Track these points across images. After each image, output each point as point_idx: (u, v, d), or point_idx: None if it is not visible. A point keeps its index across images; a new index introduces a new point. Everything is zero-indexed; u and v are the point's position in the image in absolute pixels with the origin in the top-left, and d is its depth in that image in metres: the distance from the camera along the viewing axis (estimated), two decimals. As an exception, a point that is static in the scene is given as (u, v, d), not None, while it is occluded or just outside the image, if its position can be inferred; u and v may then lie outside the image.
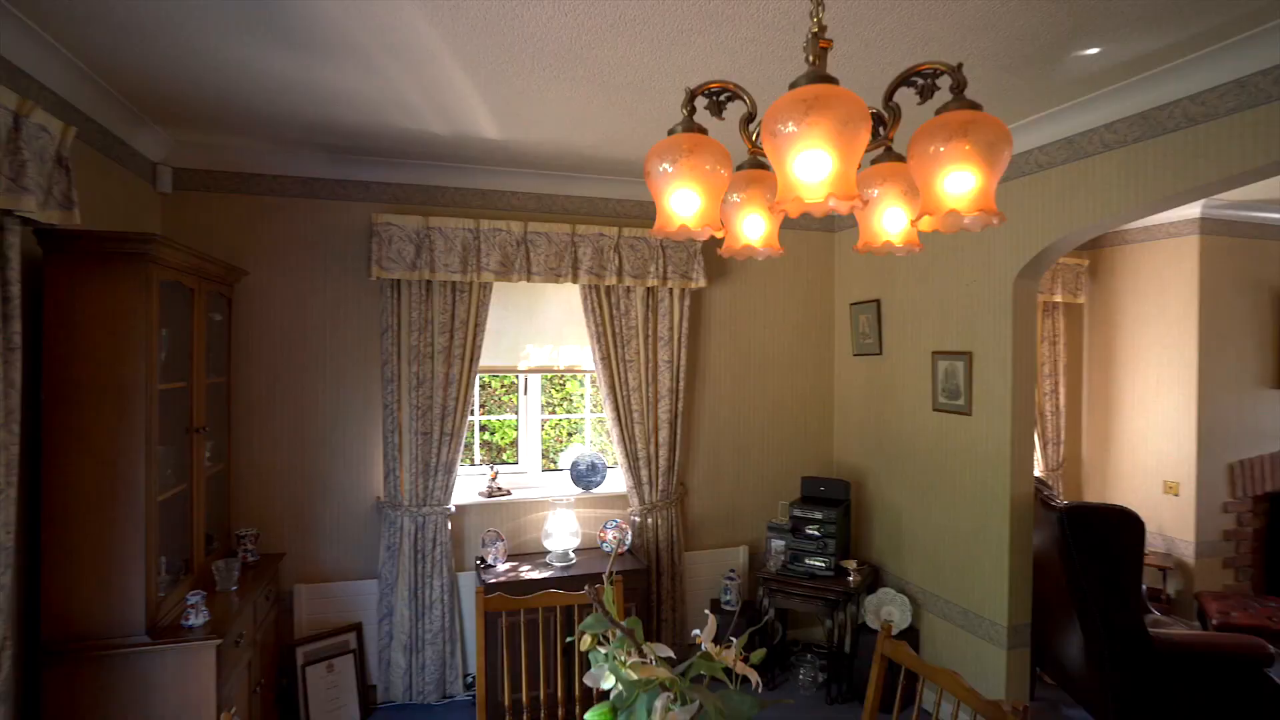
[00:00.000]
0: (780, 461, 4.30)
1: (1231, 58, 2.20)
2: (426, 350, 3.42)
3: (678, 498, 3.94)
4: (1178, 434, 4.52)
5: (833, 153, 0.88)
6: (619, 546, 3.68)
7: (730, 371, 4.17)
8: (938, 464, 3.54)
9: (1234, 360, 4.55)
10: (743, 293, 4.17)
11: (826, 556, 3.76)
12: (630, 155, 3.34)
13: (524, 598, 2.21)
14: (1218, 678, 2.85)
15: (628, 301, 3.78)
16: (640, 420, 3.80)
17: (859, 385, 4.21)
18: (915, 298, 3.71)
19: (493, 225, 3.44)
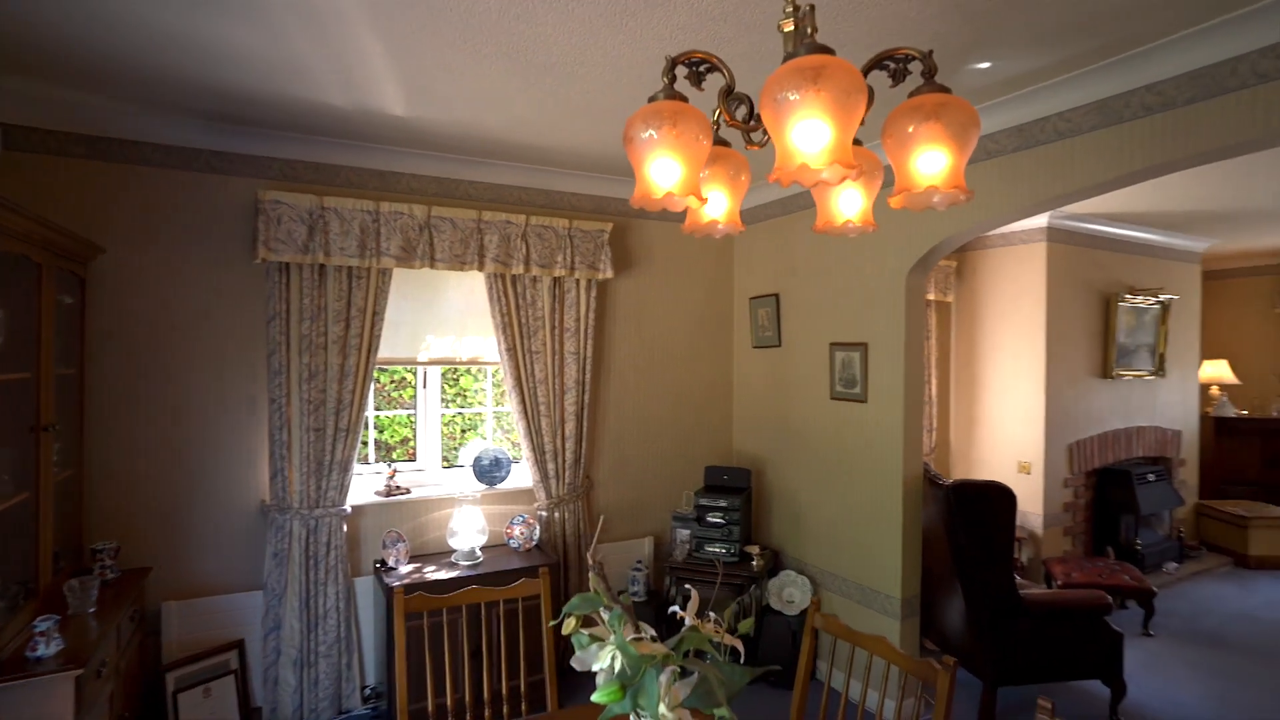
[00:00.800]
0: (683, 452, 4.37)
1: (1094, 81, 2.48)
2: (320, 340, 3.17)
3: (584, 491, 3.91)
4: (1029, 419, 5.06)
5: (834, 122, 0.90)
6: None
7: (635, 364, 4.19)
8: (835, 450, 3.74)
9: (1072, 354, 5.15)
10: (647, 286, 4.21)
11: (731, 543, 3.87)
12: (543, 142, 3.26)
13: (447, 595, 2.10)
14: (1071, 626, 3.22)
15: (534, 291, 3.70)
16: (547, 413, 3.73)
17: (758, 376, 4.36)
18: (814, 292, 3.90)
19: (394, 208, 3.24)
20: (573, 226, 3.70)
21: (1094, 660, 3.23)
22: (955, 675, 1.52)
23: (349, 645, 3.28)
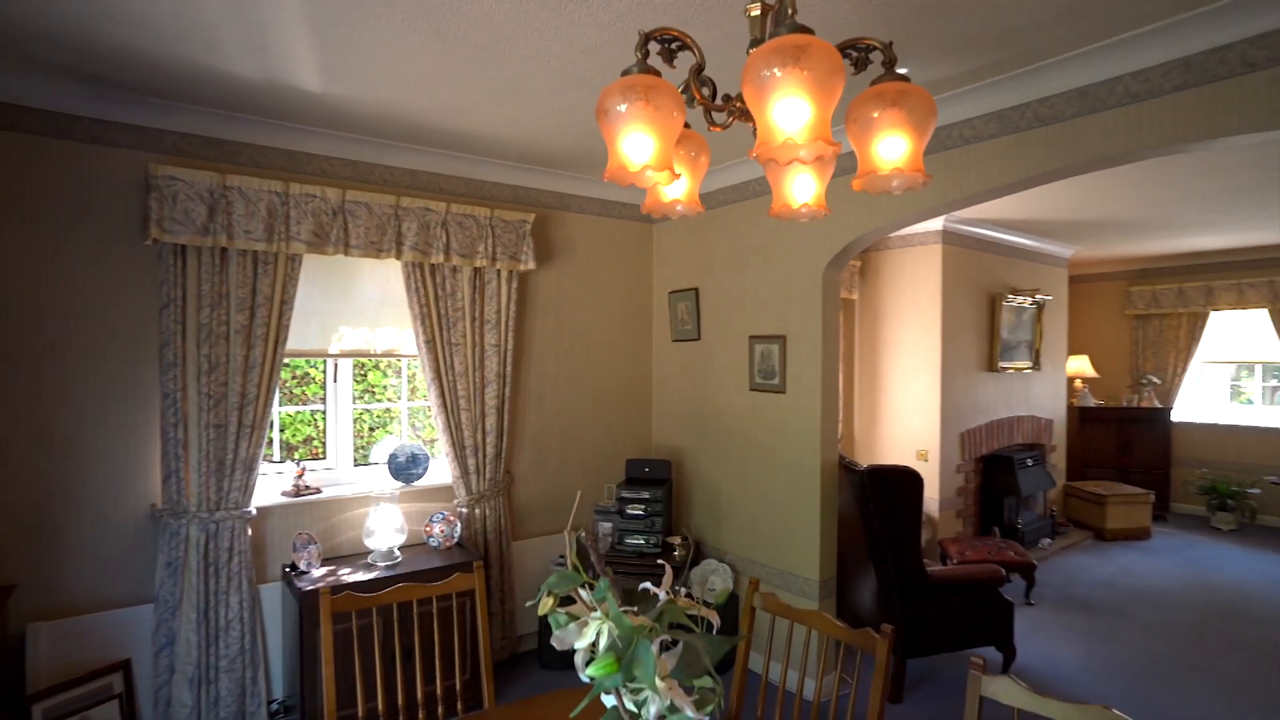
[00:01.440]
0: (604, 446, 4.37)
1: (994, 93, 2.69)
2: (221, 330, 2.93)
3: (505, 486, 3.83)
4: (926, 410, 5.41)
5: (814, 101, 0.93)
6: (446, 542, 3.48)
7: (556, 357, 4.15)
8: (755, 440, 3.85)
9: (963, 349, 5.56)
10: (568, 278, 4.17)
11: (653, 534, 3.91)
12: (468, 128, 3.16)
13: (377, 594, 2.00)
14: (971, 599, 3.47)
15: (454, 282, 3.58)
16: (467, 406, 3.63)
17: (677, 369, 4.43)
18: (733, 286, 4.00)
19: (305, 190, 3.05)
20: (494, 216, 3.61)
21: (989, 629, 3.51)
22: (893, 642, 1.60)
23: (254, 657, 3.06)
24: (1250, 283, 6.84)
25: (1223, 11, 2.13)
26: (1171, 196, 4.64)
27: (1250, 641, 4.14)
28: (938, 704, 3.39)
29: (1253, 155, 3.73)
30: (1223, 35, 2.16)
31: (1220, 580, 5.24)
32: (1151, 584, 5.15)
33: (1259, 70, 2.12)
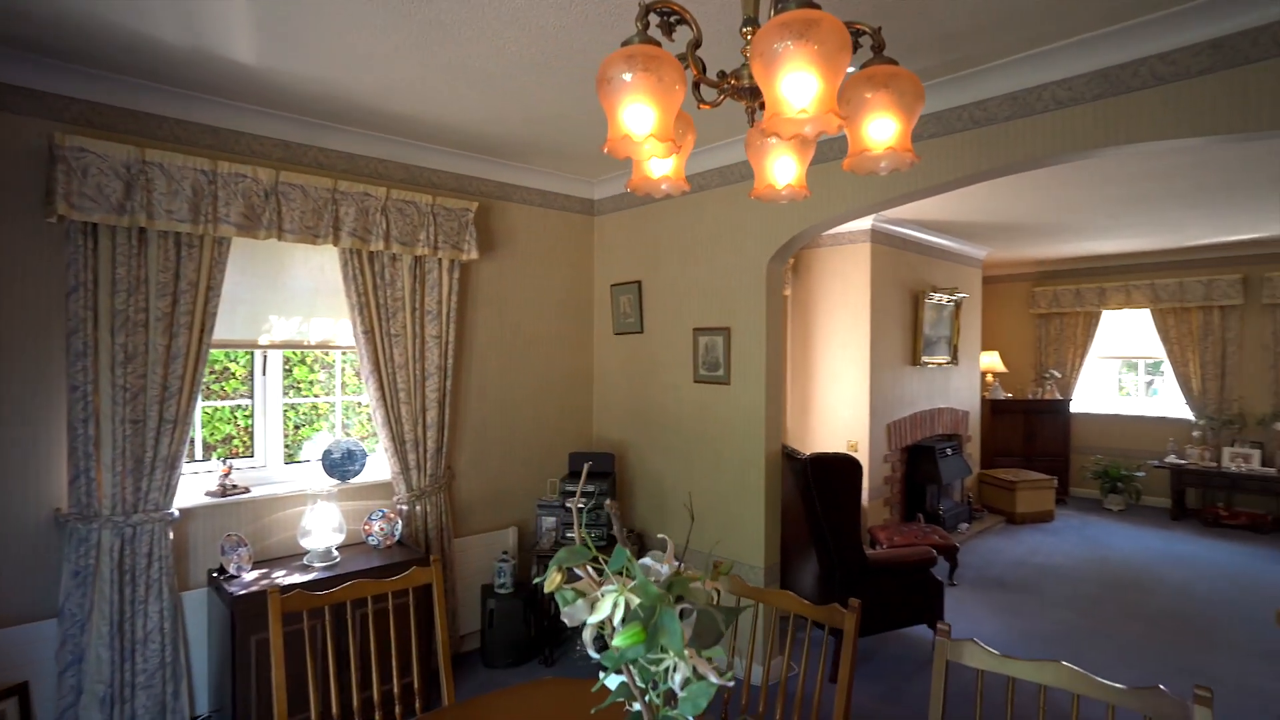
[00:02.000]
0: (546, 440, 4.32)
1: (935, 95, 2.82)
2: (140, 317, 2.71)
3: (446, 482, 3.72)
4: (856, 402, 5.62)
5: (821, 75, 0.94)
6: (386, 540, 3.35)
7: (498, 349, 4.06)
8: (699, 431, 3.90)
9: (890, 344, 5.81)
10: (510, 269, 4.10)
11: (599, 527, 3.89)
12: (410, 111, 3.04)
13: (330, 592, 1.91)
14: (906, 580, 3.64)
15: (394, 270, 3.45)
16: (407, 400, 3.50)
17: (620, 362, 4.42)
18: (677, 279, 4.03)
19: (235, 169, 2.86)
20: (436, 203, 3.50)
21: (922, 608, 3.68)
22: (859, 616, 1.65)
23: (175, 671, 2.85)
24: (1135, 285, 7.47)
25: (1134, 30, 2.31)
26: (1073, 203, 5.00)
27: (1142, 609, 4.52)
28: (874, 683, 3.53)
29: (1142, 167, 4.07)
30: (1135, 51, 2.34)
31: (1113, 556, 5.70)
32: (1056, 562, 5.54)
33: (1166, 83, 2.32)
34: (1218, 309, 6.97)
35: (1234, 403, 6.91)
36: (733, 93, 1.20)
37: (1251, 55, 2.17)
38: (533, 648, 3.79)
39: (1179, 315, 7.22)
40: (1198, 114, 2.26)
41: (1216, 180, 4.35)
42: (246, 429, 3.77)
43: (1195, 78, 2.26)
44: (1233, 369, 6.94)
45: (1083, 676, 1.34)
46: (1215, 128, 2.23)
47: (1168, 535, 6.32)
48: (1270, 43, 2.13)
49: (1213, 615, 4.43)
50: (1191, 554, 5.75)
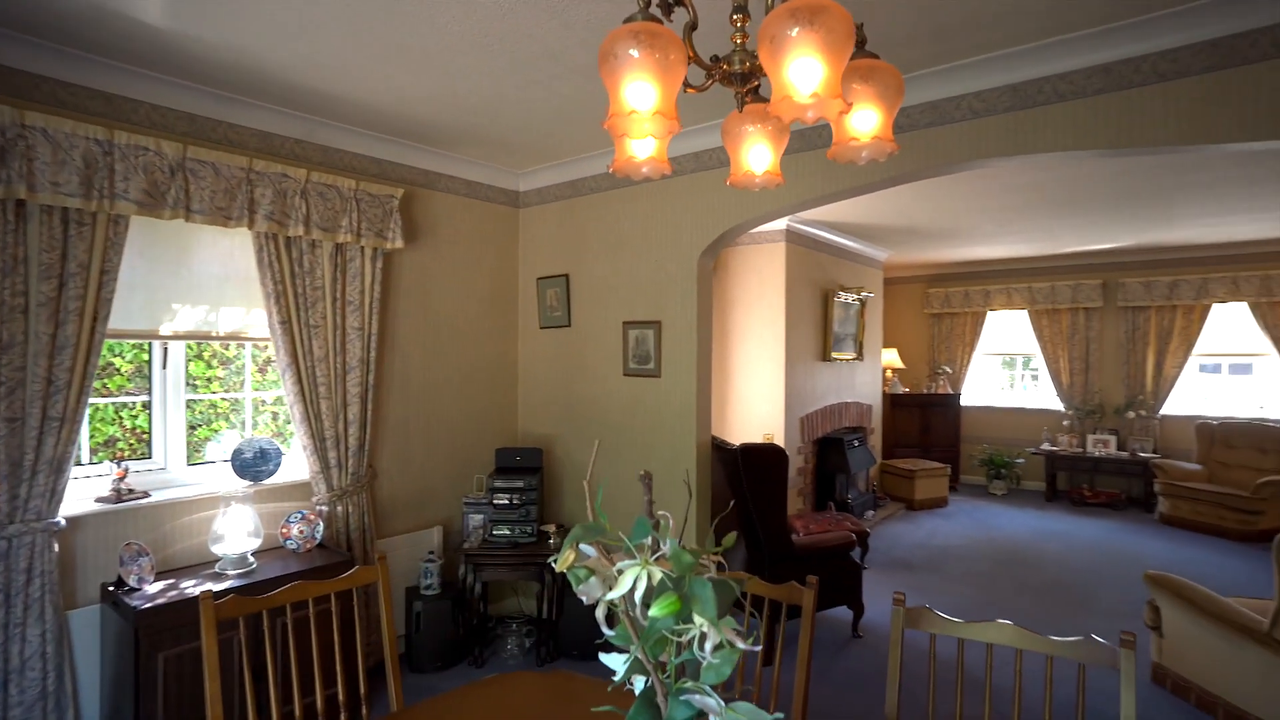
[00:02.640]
0: (471, 436, 4.21)
1: (859, 98, 2.97)
2: (18, 302, 2.42)
3: (368, 481, 3.55)
4: (772, 396, 5.82)
5: (827, 60, 0.98)
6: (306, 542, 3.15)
7: (421, 343, 3.92)
8: (629, 424, 3.91)
9: (802, 340, 6.05)
10: (434, 260, 3.96)
11: (527, 524, 3.83)
12: (334, 88, 2.88)
13: (269, 595, 1.78)
14: (829, 563, 3.81)
15: (313, 258, 3.26)
16: (327, 395, 3.32)
17: (546, 356, 4.37)
18: (606, 272, 4.03)
19: (136, 141, 2.60)
20: (360, 188, 3.33)
21: (844, 590, 3.87)
22: (817, 593, 1.72)
23: (60, 699, 2.56)
24: (1015, 288, 8.16)
25: (1043, 50, 2.53)
26: (967, 209, 5.41)
27: (1029, 581, 4.95)
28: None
29: (1030, 178, 4.46)
30: (1044, 69, 2.56)
31: (1000, 535, 6.21)
32: (953, 543, 5.97)
33: (1066, 100, 2.55)
34: (1082, 311, 7.74)
35: (1095, 395, 7.69)
36: (722, 78, 1.22)
37: (1134, 80, 2.43)
38: (462, 649, 3.68)
39: (1051, 316, 7.95)
40: (1091, 129, 2.51)
41: (1082, 194, 4.83)
42: (135, 430, 3.43)
43: (1090, 97, 2.50)
44: (1094, 364, 7.72)
45: (1025, 633, 1.46)
46: (1105, 142, 2.48)
47: (1043, 515, 6.95)
48: (1150, 71, 2.40)
49: (1087, 583, 4.92)
50: (1064, 530, 6.36)
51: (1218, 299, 6.97)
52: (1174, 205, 5.19)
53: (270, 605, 1.78)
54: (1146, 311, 7.37)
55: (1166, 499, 6.55)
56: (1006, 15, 2.32)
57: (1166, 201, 5.07)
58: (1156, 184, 4.57)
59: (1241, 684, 2.98)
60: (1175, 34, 2.34)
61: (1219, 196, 4.91)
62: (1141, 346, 7.40)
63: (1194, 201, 5.06)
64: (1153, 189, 4.70)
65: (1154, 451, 7.21)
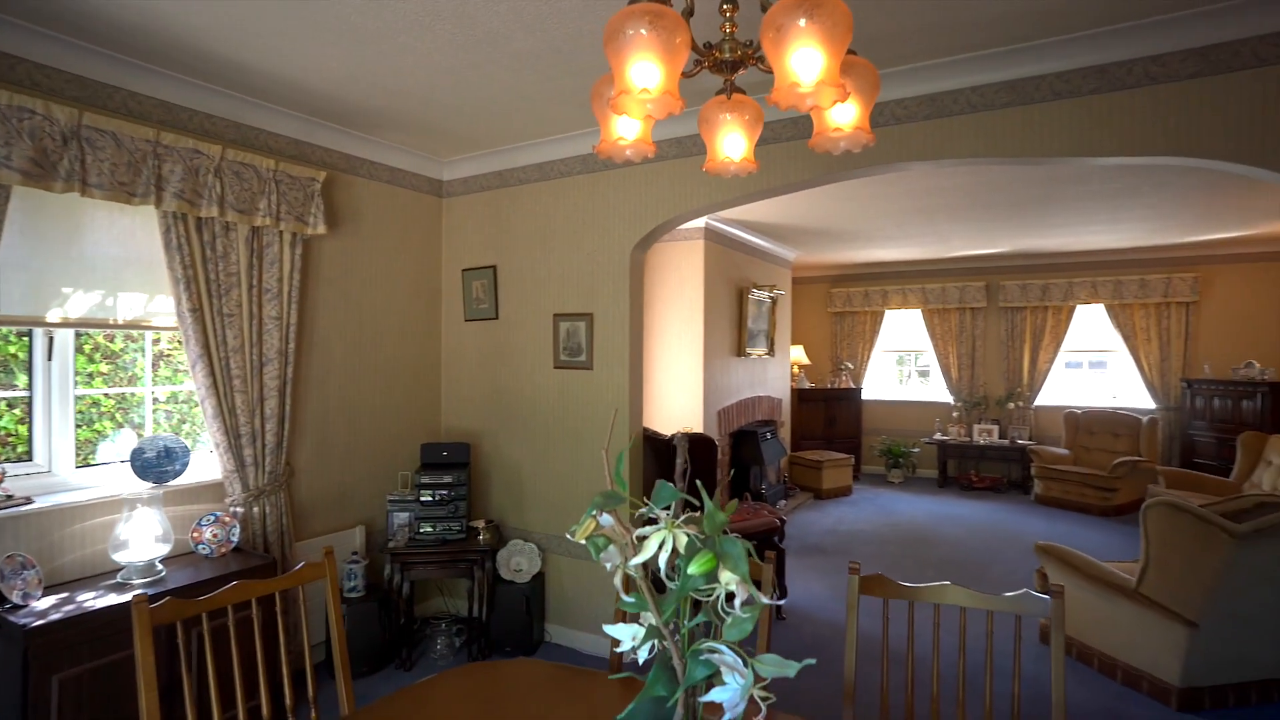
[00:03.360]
0: (395, 431, 4.06)
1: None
2: (-120, 281, 2.12)
3: (285, 480, 3.35)
4: (690, 389, 5.95)
5: (827, 50, 1.04)
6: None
7: (342, 335, 3.74)
8: (560, 417, 3.90)
9: (719, 336, 6.23)
10: (356, 249, 3.79)
11: (458, 520, 3.74)
12: (252, 59, 2.70)
13: (209, 596, 1.66)
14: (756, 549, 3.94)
15: (227, 241, 3.04)
16: (242, 388, 3.11)
17: (472, 350, 4.28)
18: (536, 265, 4.00)
19: (19, 102, 2.34)
20: (280, 169, 3.14)
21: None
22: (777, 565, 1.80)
23: (-69, 729, 2.27)
24: (910, 289, 8.75)
25: (957, 64, 2.75)
26: (873, 212, 5.75)
27: (930, 559, 5.34)
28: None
29: (932, 184, 4.82)
30: (958, 82, 2.78)
31: (901, 519, 6.64)
32: (860, 528, 6.33)
33: (978, 111, 2.79)
34: (969, 310, 8.40)
35: (980, 388, 8.37)
36: (713, 65, 1.26)
37: (1035, 96, 2.68)
38: (389, 652, 3.54)
39: (942, 315, 8.58)
40: (998, 139, 2.75)
41: (976, 201, 5.26)
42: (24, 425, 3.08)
43: (999, 109, 2.74)
44: (979, 360, 8.41)
45: (969, 593, 1.60)
46: (1010, 151, 2.73)
47: (937, 499, 7.50)
48: (1048, 90, 2.66)
49: (980, 558, 5.36)
50: (956, 512, 6.89)
51: (1081, 301, 7.77)
52: (1050, 215, 5.75)
53: (211, 607, 1.66)
54: (1023, 312, 8.11)
55: (1041, 481, 7.23)
56: (926, 29, 2.50)
57: (1045, 212, 5.60)
58: (1039, 194, 5.05)
59: (1114, 635, 3.35)
60: (1067, 59, 2.61)
61: (1087, 209, 5.49)
62: (1019, 344, 8.12)
63: (1068, 212, 5.62)
64: (1036, 199, 5.18)
65: (1030, 439, 7.94)
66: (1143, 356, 7.50)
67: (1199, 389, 6.96)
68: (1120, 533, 6.14)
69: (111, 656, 2.35)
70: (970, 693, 3.18)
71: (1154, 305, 7.43)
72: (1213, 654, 3.05)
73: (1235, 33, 2.39)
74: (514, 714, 1.64)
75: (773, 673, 0.87)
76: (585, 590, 3.80)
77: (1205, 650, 3.04)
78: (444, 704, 1.69)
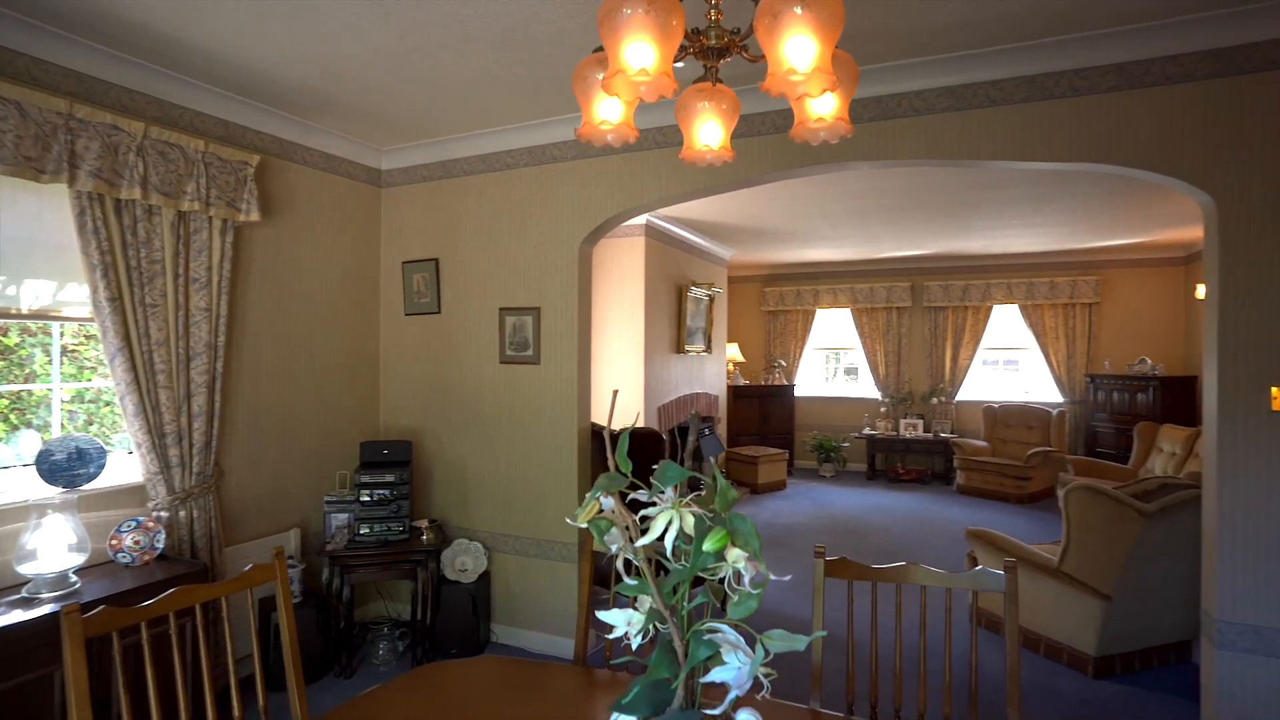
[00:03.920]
0: (331, 430, 3.89)
1: (748, 99, 3.16)
2: None
3: (215, 482, 3.16)
4: (633, 386, 5.97)
5: (819, 39, 1.06)
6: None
7: (275, 328, 3.56)
8: (506, 412, 3.83)
9: (660, 333, 6.27)
10: (290, 239, 3.61)
11: (400, 520, 3.62)
12: (178, 30, 2.52)
13: (149, 604, 1.55)
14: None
15: (150, 226, 2.83)
16: (168, 384, 2.91)
17: (413, 345, 4.16)
18: (480, 258, 3.91)
19: (-85, 67, 2.11)
20: (210, 151, 2.96)
21: (714, 564, 4.07)
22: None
23: None
24: (840, 288, 9.05)
25: (900, 69, 2.86)
26: (808, 213, 5.92)
27: (863, 548, 5.54)
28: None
29: (869, 185, 5.00)
30: (902, 86, 2.90)
31: (833, 510, 6.87)
32: (796, 521, 6.51)
33: (920, 115, 2.91)
34: (895, 310, 8.77)
35: (905, 384, 8.75)
36: (698, 52, 1.27)
37: (973, 102, 2.83)
38: (328, 660, 3.39)
39: (870, 314, 8.91)
40: (939, 142, 2.88)
41: (907, 203, 5.50)
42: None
43: (939, 114, 2.87)
44: (905, 358, 8.78)
45: (929, 571, 1.67)
46: (950, 154, 2.87)
47: (867, 491, 7.79)
48: (984, 96, 2.80)
49: (911, 545, 5.60)
50: (885, 503, 7.17)
51: (997, 301, 8.23)
52: (974, 219, 6.07)
53: (150, 615, 1.54)
54: (945, 311, 8.52)
55: (962, 471, 7.62)
56: (873, 33, 2.59)
57: (970, 215, 5.91)
58: (966, 198, 5.31)
59: (1038, 612, 3.57)
60: (1002, 68, 2.76)
61: (1007, 213, 5.82)
62: (941, 342, 8.53)
63: (990, 216, 5.94)
64: (963, 202, 5.45)
65: (952, 432, 8.35)
66: (1052, 354, 8.02)
67: (1100, 383, 7.50)
68: (1034, 518, 6.55)
69: (20, 679, 2.15)
70: (920, 670, 3.32)
71: (1062, 306, 7.96)
72: (1123, 624, 3.30)
73: (1147, 52, 2.58)
74: (481, 714, 1.60)
75: (781, 647, 0.88)
76: (533, 588, 3.75)
77: (1117, 621, 3.27)
78: (405, 708, 1.63)
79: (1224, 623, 2.53)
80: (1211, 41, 2.51)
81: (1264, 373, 2.49)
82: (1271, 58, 2.46)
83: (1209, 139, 2.54)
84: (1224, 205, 2.53)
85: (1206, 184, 2.56)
